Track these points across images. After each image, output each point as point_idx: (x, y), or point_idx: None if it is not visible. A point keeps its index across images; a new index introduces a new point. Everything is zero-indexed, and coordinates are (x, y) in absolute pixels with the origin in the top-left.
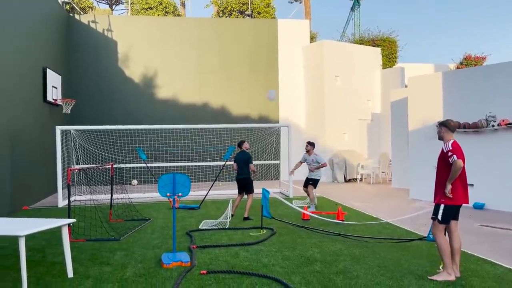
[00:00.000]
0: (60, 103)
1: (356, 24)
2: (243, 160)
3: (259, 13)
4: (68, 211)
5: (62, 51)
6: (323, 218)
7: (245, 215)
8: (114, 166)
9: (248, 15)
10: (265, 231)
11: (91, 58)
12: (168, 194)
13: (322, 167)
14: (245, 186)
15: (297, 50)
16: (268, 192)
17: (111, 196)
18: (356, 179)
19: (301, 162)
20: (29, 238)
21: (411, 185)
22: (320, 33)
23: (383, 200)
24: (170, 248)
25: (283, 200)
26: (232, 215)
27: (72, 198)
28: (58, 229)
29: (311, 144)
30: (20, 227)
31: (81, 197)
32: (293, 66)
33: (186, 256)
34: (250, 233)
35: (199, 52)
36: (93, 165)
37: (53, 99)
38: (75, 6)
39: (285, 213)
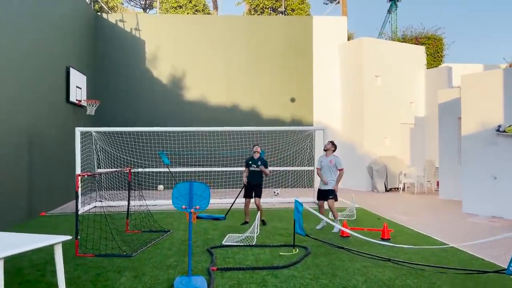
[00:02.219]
0: (84, 104)
1: (393, 27)
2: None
3: (293, 10)
4: (76, 223)
5: (88, 50)
6: (367, 239)
7: (262, 218)
8: (135, 170)
9: (281, 12)
10: (297, 250)
11: (118, 58)
12: (183, 206)
13: (340, 176)
14: (257, 190)
15: (334, 48)
16: (301, 205)
17: (128, 204)
18: (398, 188)
19: (318, 169)
20: (33, 251)
21: (464, 197)
22: (356, 34)
23: (432, 214)
24: (186, 269)
25: (318, 214)
26: (246, 222)
27: (92, 205)
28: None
29: (332, 144)
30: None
31: (102, 203)
32: (329, 66)
33: (203, 282)
34: (280, 253)
35: (228, 51)
36: (107, 170)
37: (76, 100)
38: (103, 5)
39: (320, 229)
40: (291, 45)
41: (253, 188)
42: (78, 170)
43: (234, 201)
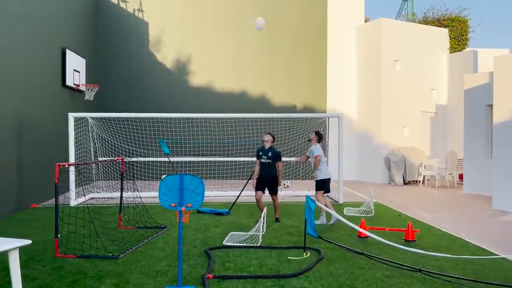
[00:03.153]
0: (83, 89)
1: (408, 15)
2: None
3: None
4: (56, 219)
5: (87, 32)
6: (389, 243)
7: (277, 215)
8: (129, 160)
9: None
10: (308, 253)
11: (119, 41)
12: (172, 204)
13: (316, 164)
14: (272, 185)
15: (350, 31)
16: (313, 202)
17: (121, 197)
18: (417, 181)
19: (307, 156)
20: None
21: (495, 193)
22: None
23: (459, 211)
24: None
25: (330, 211)
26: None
27: (88, 196)
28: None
29: (316, 134)
30: None
31: (99, 195)
32: (345, 50)
33: None
34: (288, 257)
35: (237, 34)
36: (95, 161)
37: (74, 84)
38: None
39: (333, 226)
40: (304, 27)
41: (265, 181)
42: (72, 159)
43: (240, 194)
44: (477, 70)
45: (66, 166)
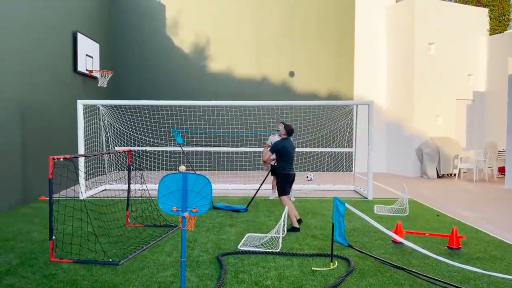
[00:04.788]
0: (96, 75)
1: None
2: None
3: None
4: (50, 220)
5: (102, 16)
6: (431, 254)
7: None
8: (137, 149)
9: None
10: (336, 263)
11: (135, 25)
12: (174, 208)
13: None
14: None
15: (379, 11)
16: (343, 204)
17: (128, 192)
18: (452, 174)
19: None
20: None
21: None
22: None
23: (505, 210)
24: None
25: (358, 212)
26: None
27: (101, 187)
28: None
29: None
30: None
31: (112, 186)
32: (373, 32)
33: None
34: (312, 267)
35: (258, 16)
36: (94, 154)
37: (87, 70)
38: None
39: (363, 229)
40: (330, 8)
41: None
42: (81, 149)
43: (259, 189)
44: None
45: (62, 159)
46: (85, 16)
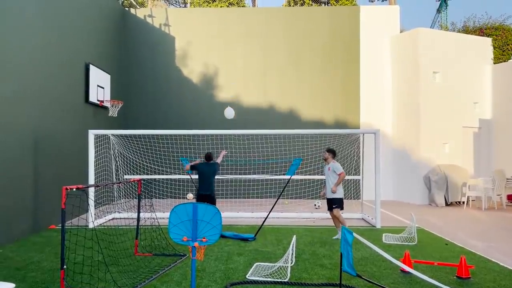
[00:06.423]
0: (107, 105)
1: (442, 28)
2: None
3: (337, 0)
4: (62, 249)
5: (113, 48)
6: (440, 285)
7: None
8: (145, 177)
9: (324, 3)
10: None
11: (145, 56)
12: (184, 238)
13: (340, 179)
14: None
15: (384, 41)
16: (351, 233)
17: (138, 221)
18: (460, 202)
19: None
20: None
21: None
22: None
23: None
24: None
25: (366, 242)
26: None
27: (110, 216)
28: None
29: (330, 151)
30: None
31: (121, 215)
32: (379, 61)
33: None
34: None
35: (265, 47)
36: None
37: (98, 100)
38: (133, 1)
39: (372, 258)
40: (335, 38)
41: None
42: (91, 179)
43: (267, 216)
44: None
45: (75, 189)
46: (97, 48)
